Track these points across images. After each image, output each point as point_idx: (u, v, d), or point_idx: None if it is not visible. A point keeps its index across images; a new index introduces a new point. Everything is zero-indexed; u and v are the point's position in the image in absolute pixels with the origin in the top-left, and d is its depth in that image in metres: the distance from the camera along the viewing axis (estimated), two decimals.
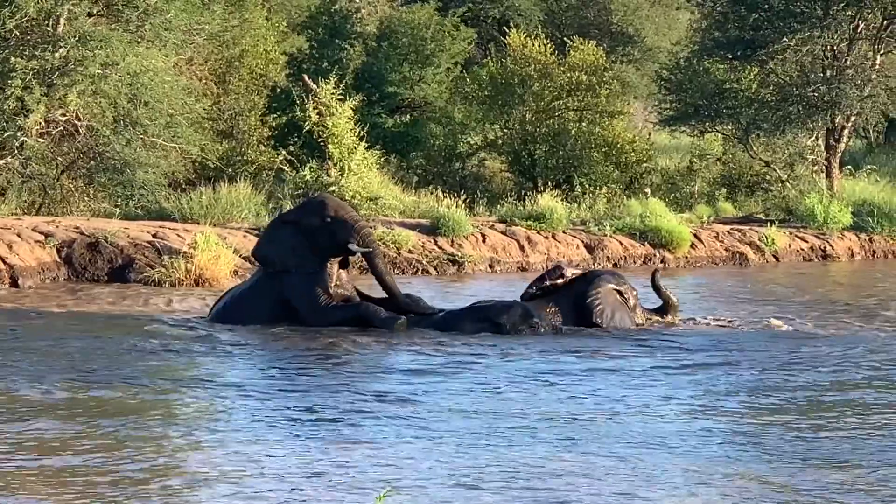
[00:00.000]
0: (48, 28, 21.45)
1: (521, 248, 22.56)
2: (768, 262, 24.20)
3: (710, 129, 29.20)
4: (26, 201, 22.46)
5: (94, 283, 18.92)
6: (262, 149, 27.40)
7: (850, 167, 29.05)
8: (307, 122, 24.15)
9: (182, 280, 18.72)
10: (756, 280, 21.71)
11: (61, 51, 21.16)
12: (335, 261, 15.51)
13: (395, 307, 15.42)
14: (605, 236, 23.28)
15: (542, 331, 15.00)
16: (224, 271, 18.97)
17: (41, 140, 22.10)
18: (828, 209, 25.41)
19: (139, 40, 22.28)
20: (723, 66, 28.40)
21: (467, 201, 23.93)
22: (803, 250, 24.84)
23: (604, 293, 15.58)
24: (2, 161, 21.83)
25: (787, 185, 27.86)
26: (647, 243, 23.40)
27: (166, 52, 22.88)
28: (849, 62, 27.40)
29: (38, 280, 18.74)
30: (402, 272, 20.73)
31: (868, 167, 28.84)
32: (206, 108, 24.69)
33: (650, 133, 33.18)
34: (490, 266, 21.97)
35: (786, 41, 27.19)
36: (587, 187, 26.44)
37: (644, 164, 29.26)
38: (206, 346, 14.20)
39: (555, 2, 38.75)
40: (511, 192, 27.33)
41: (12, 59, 21.01)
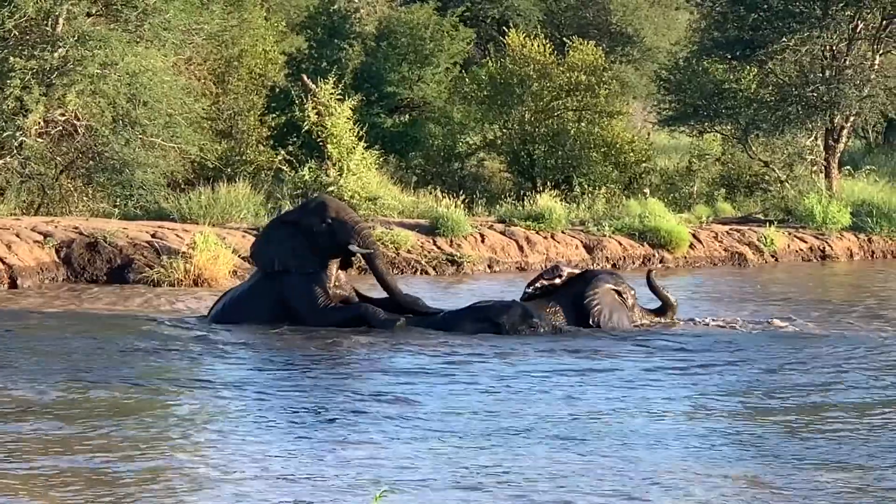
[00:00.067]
0: (47, 28, 21.45)
1: (520, 249, 22.56)
2: (767, 262, 24.20)
3: (709, 130, 29.19)
4: (25, 201, 22.45)
5: (93, 284, 18.93)
6: (261, 149, 27.38)
7: (849, 167, 29.07)
8: (306, 122, 24.15)
9: (181, 280, 18.74)
10: (756, 280, 21.71)
11: (60, 51, 21.16)
12: (334, 262, 15.52)
13: (396, 307, 15.43)
14: (604, 236, 23.28)
15: (542, 331, 15.00)
16: (223, 271, 18.98)
17: (40, 140, 22.10)
18: (827, 209, 25.41)
19: (138, 40, 22.28)
20: (722, 67, 28.40)
21: (466, 201, 23.94)
22: (802, 250, 24.84)
23: (602, 293, 15.57)
24: (1, 161, 21.83)
25: (786, 185, 27.86)
26: (646, 243, 23.40)
27: (165, 52, 22.88)
28: (848, 62, 27.41)
29: (37, 280, 18.74)
30: (401, 272, 20.73)
31: (867, 167, 28.85)
32: (205, 108, 24.68)
33: (649, 133, 33.17)
34: (489, 266, 21.97)
35: (785, 41, 27.20)
36: (586, 187, 26.45)
37: (643, 165, 29.25)
38: (204, 346, 14.19)
39: (554, 2, 38.75)
40: (510, 193, 27.32)
41: (11, 58, 21.01)
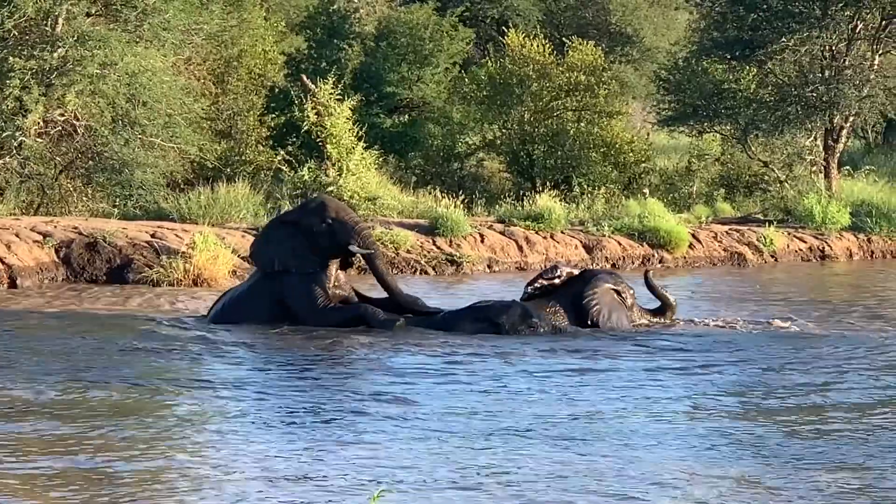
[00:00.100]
0: (46, 28, 21.45)
1: (520, 249, 22.56)
2: (766, 262, 24.20)
3: (709, 130, 29.20)
4: (25, 201, 22.45)
5: (93, 284, 18.93)
6: (261, 149, 27.39)
7: (848, 167, 29.07)
8: (305, 123, 24.16)
9: (180, 280, 18.74)
10: (755, 280, 21.70)
11: (60, 51, 21.16)
12: (334, 262, 15.51)
13: (395, 307, 15.43)
14: (604, 236, 23.28)
15: (542, 331, 14.99)
16: (222, 271, 18.97)
17: (39, 140, 22.10)
18: (826, 209, 25.42)
19: (137, 40, 22.28)
20: (721, 67, 28.40)
21: (466, 201, 23.94)
22: (801, 250, 24.84)
23: (601, 293, 15.55)
24: (0, 161, 21.82)
25: (786, 185, 27.87)
26: (645, 243, 23.40)
27: (165, 52, 22.88)
28: (847, 62, 27.41)
29: (37, 280, 18.74)
30: (401, 272, 20.73)
31: (866, 167, 28.87)
32: (205, 108, 24.68)
33: (648, 133, 33.19)
34: (488, 266, 21.97)
35: (784, 41, 27.21)
36: (585, 187, 26.46)
37: (642, 165, 29.25)
38: (204, 346, 14.18)
39: (553, 2, 38.77)
40: (509, 193, 27.33)
41: (11, 58, 21.01)
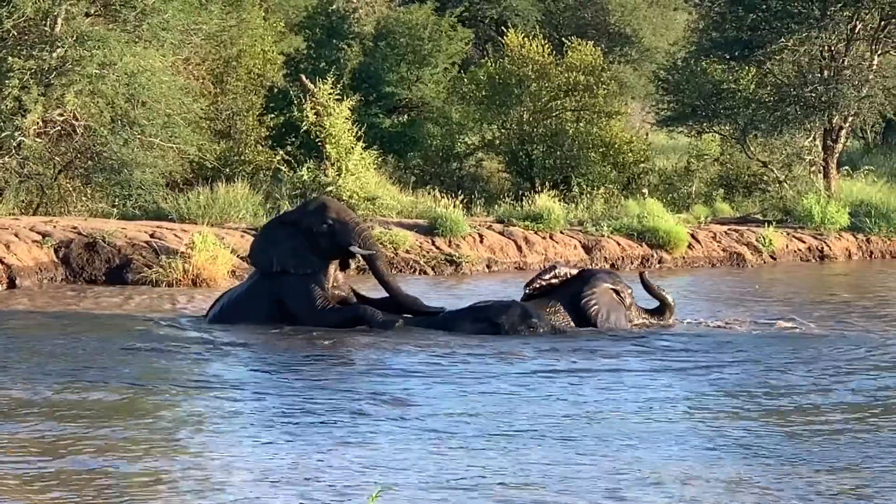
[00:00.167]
0: (46, 28, 21.44)
1: (519, 249, 22.56)
2: (766, 262, 24.20)
3: (708, 130, 29.21)
4: (24, 201, 22.44)
5: (92, 284, 18.92)
6: (260, 149, 27.38)
7: (847, 168, 29.08)
8: (305, 123, 24.15)
9: (179, 280, 18.73)
10: (754, 280, 21.70)
11: (59, 51, 21.16)
12: (333, 263, 15.51)
13: (394, 307, 15.43)
14: (603, 237, 23.28)
15: (541, 331, 15.00)
16: (221, 271, 18.97)
17: (39, 140, 22.09)
18: (825, 210, 25.42)
19: (137, 40, 22.27)
20: (720, 67, 28.41)
21: (465, 201, 23.94)
22: (801, 251, 24.84)
23: (599, 293, 15.55)
24: None
25: (785, 185, 27.88)
26: (644, 244, 23.40)
27: (164, 52, 22.87)
28: (846, 63, 27.42)
29: (36, 280, 18.73)
30: (400, 272, 20.72)
31: (865, 168, 28.88)
32: (204, 108, 24.67)
33: (647, 133, 33.21)
34: (487, 266, 21.97)
35: (783, 42, 27.21)
36: (584, 187, 26.46)
37: (641, 165, 29.25)
38: (202, 346, 14.18)
39: (552, 2, 38.77)
40: (508, 193, 27.33)
41: (10, 58, 21.01)
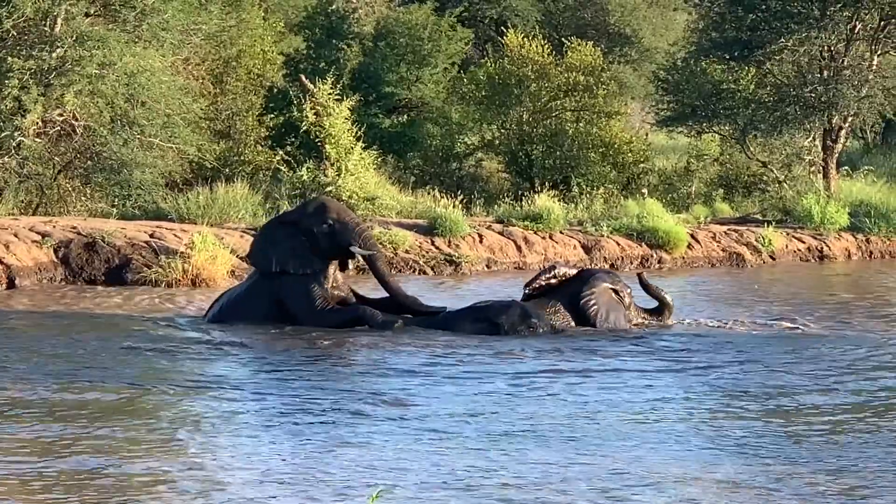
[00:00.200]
0: (45, 28, 21.44)
1: (518, 249, 22.55)
2: (765, 262, 24.19)
3: (708, 130, 29.19)
4: (23, 201, 22.44)
5: (91, 284, 18.91)
6: (260, 149, 27.37)
7: (847, 168, 29.06)
8: (304, 123, 24.14)
9: (179, 280, 18.72)
10: (754, 281, 21.70)
11: (58, 51, 21.15)
12: (333, 263, 15.51)
13: (396, 308, 15.43)
14: (602, 237, 23.27)
15: (541, 331, 14.99)
16: (221, 271, 18.97)
17: (38, 140, 22.08)
18: (825, 210, 25.41)
19: (136, 40, 22.27)
20: (720, 67, 28.39)
21: (464, 201, 23.93)
22: (800, 251, 24.83)
23: (599, 293, 15.55)
24: None
25: (784, 185, 27.87)
26: (644, 244, 23.38)
27: (163, 52, 22.87)
28: (846, 63, 27.41)
29: (35, 280, 18.73)
30: (400, 272, 20.72)
31: (865, 168, 28.86)
32: (204, 109, 24.66)
33: (647, 133, 33.18)
34: (487, 266, 21.97)
35: (783, 42, 27.20)
36: (584, 188, 26.45)
37: (641, 165, 29.24)
38: (201, 347, 14.18)
39: (552, 2, 38.76)
40: (508, 193, 27.32)
41: (9, 59, 21.00)
